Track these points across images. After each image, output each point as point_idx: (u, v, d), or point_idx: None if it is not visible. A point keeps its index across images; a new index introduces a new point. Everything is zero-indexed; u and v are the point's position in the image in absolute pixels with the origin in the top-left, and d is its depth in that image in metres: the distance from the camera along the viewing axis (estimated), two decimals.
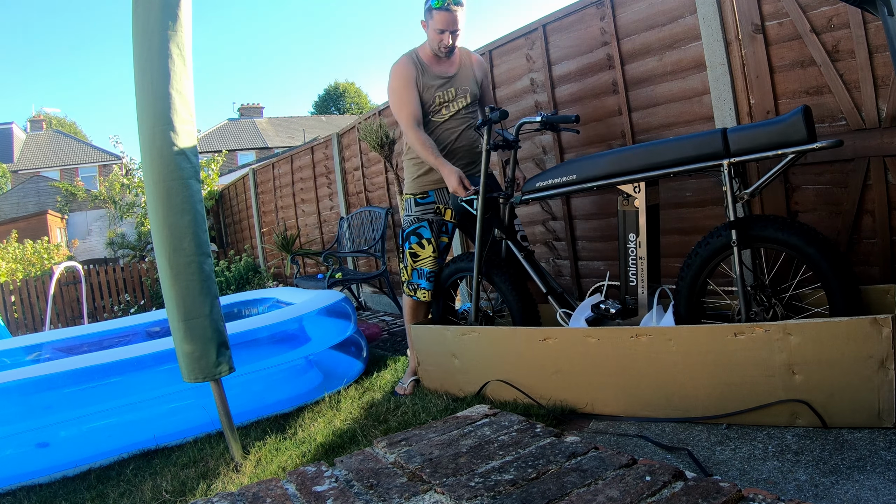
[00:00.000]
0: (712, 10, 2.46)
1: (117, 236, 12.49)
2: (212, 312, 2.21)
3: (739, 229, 1.94)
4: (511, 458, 1.10)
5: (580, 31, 3.07)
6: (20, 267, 9.68)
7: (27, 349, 3.96)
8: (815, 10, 2.18)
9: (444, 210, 2.86)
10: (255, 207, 8.59)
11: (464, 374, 2.54)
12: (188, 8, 2.24)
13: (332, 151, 6.17)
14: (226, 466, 2.25)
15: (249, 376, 2.78)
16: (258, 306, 4.57)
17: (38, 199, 22.43)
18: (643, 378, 1.98)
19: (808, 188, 2.34)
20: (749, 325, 1.76)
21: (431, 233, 2.83)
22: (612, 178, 2.23)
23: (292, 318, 3.25)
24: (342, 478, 1.11)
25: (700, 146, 2.01)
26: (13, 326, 7.85)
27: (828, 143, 1.77)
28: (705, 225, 2.58)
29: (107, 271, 8.91)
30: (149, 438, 2.57)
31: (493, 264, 2.62)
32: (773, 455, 1.58)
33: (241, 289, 7.62)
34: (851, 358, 1.60)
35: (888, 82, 2.03)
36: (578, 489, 0.95)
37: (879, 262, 2.16)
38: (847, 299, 1.79)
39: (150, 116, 2.17)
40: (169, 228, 2.17)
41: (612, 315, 2.27)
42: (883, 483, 1.35)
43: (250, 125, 32.27)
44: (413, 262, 2.84)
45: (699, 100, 2.60)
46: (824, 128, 2.21)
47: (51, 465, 2.40)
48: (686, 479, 0.94)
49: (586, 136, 3.10)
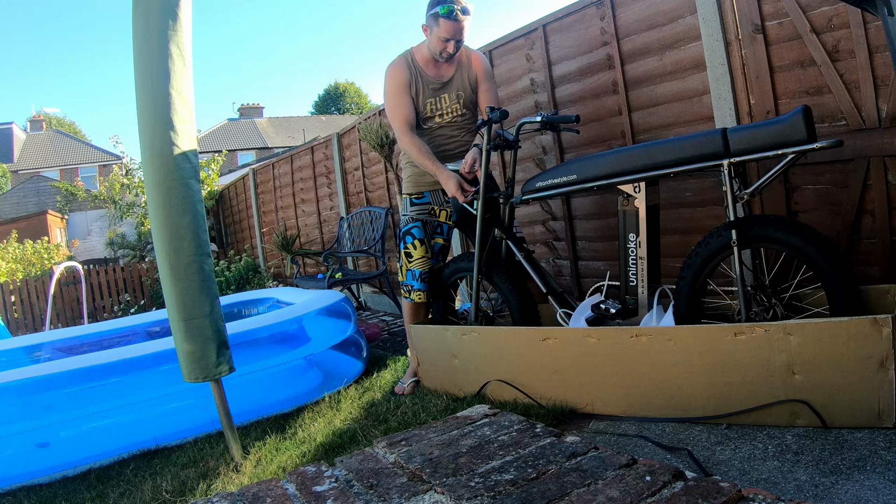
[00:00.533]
0: (712, 10, 2.46)
1: (117, 236, 12.50)
2: (212, 312, 2.21)
3: (739, 229, 1.94)
4: (511, 458, 1.10)
5: (580, 31, 3.07)
6: (20, 267, 9.68)
7: (27, 349, 3.96)
8: (815, 10, 2.18)
9: (439, 211, 2.86)
10: (255, 207, 8.59)
11: (464, 374, 2.54)
12: (188, 8, 2.24)
13: (332, 151, 6.17)
14: (226, 466, 2.25)
15: (249, 376, 2.78)
16: (258, 306, 4.57)
17: (38, 199, 22.44)
18: (643, 378, 1.98)
19: (808, 188, 2.34)
20: (749, 325, 1.76)
21: (424, 233, 2.83)
22: (613, 178, 2.23)
23: (292, 318, 3.25)
24: (342, 478, 1.11)
25: (700, 146, 2.01)
26: (13, 326, 7.85)
27: (828, 143, 1.77)
28: (705, 225, 2.58)
29: (107, 271, 8.91)
30: (149, 438, 2.57)
31: (493, 264, 2.62)
32: (773, 455, 1.58)
33: (241, 289, 7.61)
34: (851, 358, 1.60)
35: (888, 82, 2.03)
36: (578, 489, 0.95)
37: (879, 262, 2.16)
38: (847, 299, 1.79)
39: (150, 116, 2.17)
40: (169, 228, 2.17)
41: (612, 315, 2.27)
42: (883, 483, 1.35)
43: (250, 125, 32.28)
44: (408, 263, 2.83)
45: (699, 100, 2.60)
46: (824, 128, 2.21)
47: (51, 465, 2.40)
48: (686, 479, 0.94)
49: (586, 136, 3.10)
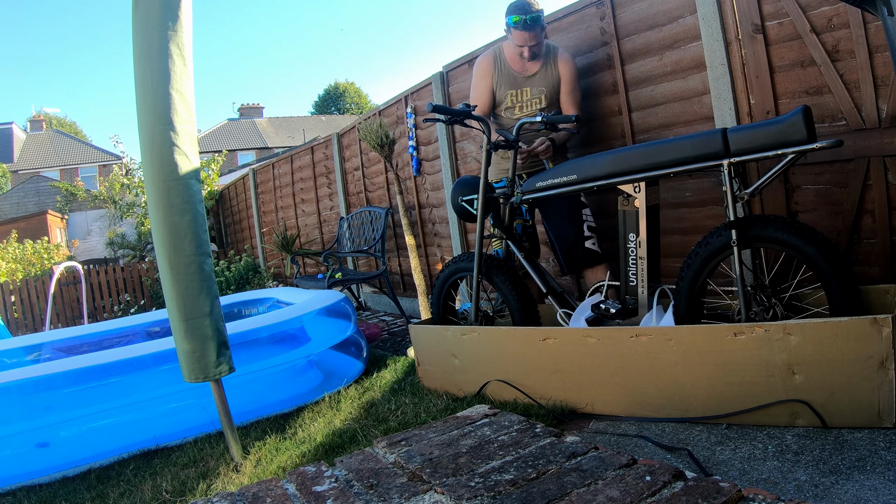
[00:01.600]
0: (712, 10, 2.46)
1: (117, 236, 12.49)
2: (212, 312, 2.21)
3: (739, 229, 1.94)
4: (511, 458, 1.10)
5: (580, 31, 3.07)
6: (20, 267, 9.67)
7: (27, 349, 3.96)
8: (815, 10, 2.18)
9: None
10: (255, 207, 8.59)
11: (464, 374, 2.54)
12: (188, 8, 2.24)
13: (332, 151, 6.17)
14: (226, 466, 2.25)
15: (249, 376, 2.78)
16: (258, 306, 4.57)
17: (38, 199, 22.43)
18: (643, 378, 1.97)
19: (808, 188, 2.34)
20: (749, 325, 1.76)
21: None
22: (613, 178, 2.22)
23: (292, 318, 3.25)
24: (342, 478, 1.11)
25: (700, 146, 2.01)
26: (13, 326, 7.85)
27: (828, 143, 1.77)
28: (705, 225, 2.58)
29: (107, 271, 8.91)
30: (149, 438, 2.57)
31: (493, 264, 2.62)
32: (773, 455, 1.58)
33: (241, 289, 7.62)
34: (851, 358, 1.60)
35: (888, 82, 2.03)
36: (578, 489, 0.95)
37: (879, 262, 2.16)
38: (847, 299, 1.79)
39: (150, 116, 2.17)
40: (169, 228, 2.17)
41: (612, 315, 2.27)
42: (883, 483, 1.35)
43: (250, 125, 32.27)
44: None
45: (699, 100, 2.60)
46: (824, 128, 2.21)
47: (51, 465, 2.40)
48: (686, 479, 0.94)
49: (586, 136, 3.10)
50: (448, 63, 4.12)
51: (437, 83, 4.20)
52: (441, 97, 4.19)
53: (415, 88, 4.54)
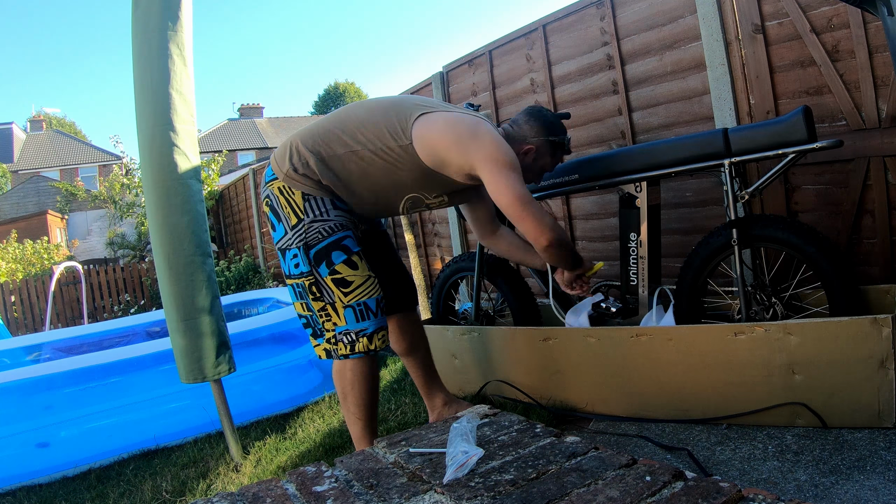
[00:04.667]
0: (712, 10, 2.46)
1: (117, 236, 12.49)
2: (212, 311, 2.21)
3: (740, 229, 1.94)
4: (511, 458, 1.10)
5: (580, 31, 3.07)
6: (20, 267, 9.68)
7: (27, 349, 3.97)
8: (815, 10, 2.18)
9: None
10: (255, 207, 8.59)
11: (464, 374, 2.54)
12: (188, 8, 2.24)
13: None
14: (226, 466, 2.24)
15: (249, 376, 2.78)
16: (258, 306, 4.58)
17: (38, 199, 22.42)
18: (643, 378, 1.97)
19: (808, 188, 2.34)
20: (749, 324, 1.76)
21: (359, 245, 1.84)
22: (614, 177, 2.23)
23: (292, 318, 3.26)
24: (342, 478, 1.11)
25: (701, 146, 2.01)
26: (13, 326, 7.85)
27: (828, 143, 1.77)
28: (705, 225, 2.58)
29: (107, 271, 8.91)
30: (149, 438, 2.57)
31: (493, 264, 2.62)
32: (773, 455, 1.58)
33: (241, 289, 7.62)
34: (851, 358, 1.60)
35: (888, 82, 2.03)
36: (578, 489, 0.95)
37: (879, 262, 2.16)
38: (847, 299, 1.79)
39: (150, 116, 2.17)
40: (169, 228, 2.17)
41: (612, 314, 2.27)
42: (883, 483, 1.35)
43: (250, 125, 32.26)
44: (344, 297, 1.73)
45: (699, 100, 2.60)
46: (824, 128, 2.21)
47: (51, 465, 2.40)
48: (686, 479, 0.94)
49: (586, 136, 3.10)
50: (448, 63, 4.12)
51: (437, 83, 4.20)
52: (441, 97, 4.18)
53: (415, 88, 4.54)
